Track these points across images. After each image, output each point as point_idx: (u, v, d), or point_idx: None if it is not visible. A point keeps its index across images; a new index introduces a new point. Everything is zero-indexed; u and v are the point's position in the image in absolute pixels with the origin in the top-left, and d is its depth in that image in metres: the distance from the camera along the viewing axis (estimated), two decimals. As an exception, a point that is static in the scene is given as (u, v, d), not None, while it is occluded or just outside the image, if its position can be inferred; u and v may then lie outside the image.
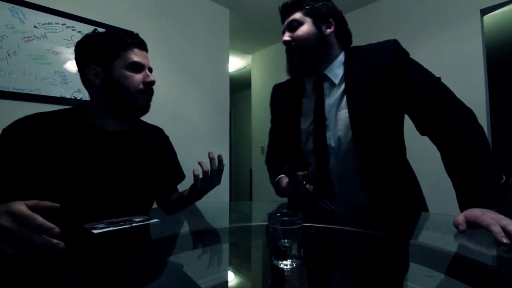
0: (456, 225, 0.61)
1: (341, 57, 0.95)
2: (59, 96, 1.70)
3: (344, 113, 0.89)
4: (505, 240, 0.52)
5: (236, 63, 4.11)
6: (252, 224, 0.85)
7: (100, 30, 0.89)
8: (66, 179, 0.76)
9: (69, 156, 0.77)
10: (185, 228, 0.78)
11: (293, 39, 0.93)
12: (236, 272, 0.48)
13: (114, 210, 0.80)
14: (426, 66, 0.97)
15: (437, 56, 2.14)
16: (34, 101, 1.62)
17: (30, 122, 0.77)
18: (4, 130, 0.75)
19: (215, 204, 0.89)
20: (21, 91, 1.58)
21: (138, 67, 0.85)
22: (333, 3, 0.97)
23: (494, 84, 2.90)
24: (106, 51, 0.82)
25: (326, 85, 0.94)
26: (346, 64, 0.93)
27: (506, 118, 4.70)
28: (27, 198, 0.51)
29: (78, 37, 1.73)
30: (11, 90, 1.54)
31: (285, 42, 0.95)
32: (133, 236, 0.63)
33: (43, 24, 1.66)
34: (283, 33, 0.98)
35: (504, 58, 3.68)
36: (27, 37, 1.60)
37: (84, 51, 0.84)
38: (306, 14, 0.93)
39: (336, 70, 0.93)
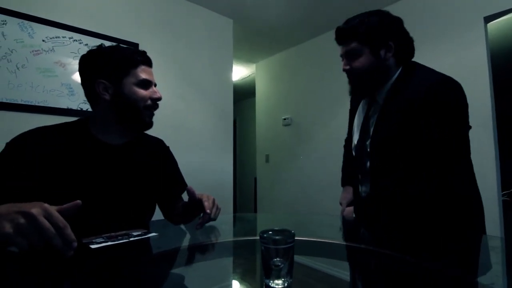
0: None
1: (395, 77, 0.94)
2: (66, 107, 1.74)
3: (371, 129, 0.94)
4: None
5: (240, 72, 4.15)
6: (256, 238, 0.85)
7: (106, 43, 0.91)
8: (68, 192, 0.77)
9: (72, 169, 0.79)
10: (185, 242, 0.78)
11: (353, 69, 0.94)
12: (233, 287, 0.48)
13: (115, 223, 0.80)
14: None
15: (441, 64, 2.12)
16: (42, 113, 1.66)
17: (32, 136, 0.79)
18: (7, 144, 0.76)
19: (219, 215, 0.89)
20: (29, 103, 1.61)
21: (146, 84, 0.88)
22: (389, 16, 0.94)
23: (500, 91, 2.87)
24: (117, 67, 0.84)
25: (374, 104, 0.98)
26: (393, 85, 0.93)
27: (514, 125, 4.62)
28: None
29: (85, 49, 1.78)
30: (19, 102, 1.58)
31: (345, 71, 0.96)
32: (131, 250, 0.63)
33: (51, 38, 1.70)
34: (342, 58, 0.98)
35: (510, 64, 3.64)
36: (35, 51, 1.65)
37: (93, 66, 0.85)
38: (364, 42, 0.91)
39: (384, 92, 0.94)
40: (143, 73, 0.87)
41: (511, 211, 2.33)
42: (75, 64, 1.77)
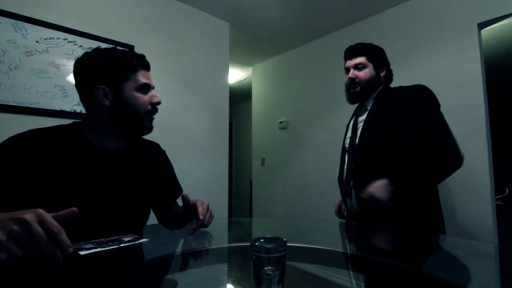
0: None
1: (377, 91, 1.26)
2: (59, 109, 1.72)
3: (360, 127, 1.23)
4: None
5: (237, 75, 4.14)
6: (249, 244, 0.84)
7: (101, 45, 0.89)
8: (63, 197, 0.76)
9: (66, 174, 0.77)
10: (178, 248, 0.77)
11: (357, 77, 1.24)
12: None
13: (109, 228, 0.79)
14: (424, 79, 1.16)
15: (436, 69, 2.15)
16: (34, 114, 1.64)
17: (25, 139, 0.77)
18: (-2, 147, 0.75)
19: (213, 220, 0.88)
20: (22, 105, 1.59)
21: (146, 88, 0.87)
22: (384, 50, 1.31)
23: (494, 96, 2.90)
24: (117, 72, 0.82)
25: (362, 109, 1.29)
26: (377, 97, 1.25)
27: (509, 130, 4.68)
28: None
29: (79, 51, 1.78)
30: (12, 103, 1.56)
31: (351, 79, 1.25)
32: (122, 257, 0.62)
33: (45, 39, 1.69)
34: (348, 69, 1.28)
35: (503, 69, 3.69)
36: (28, 52, 1.63)
37: (91, 71, 0.83)
38: (370, 59, 1.24)
39: (370, 100, 1.26)
40: (142, 78, 0.86)
41: (505, 216, 2.35)
42: (69, 65, 1.76)
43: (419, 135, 1.06)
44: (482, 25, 2.02)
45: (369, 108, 1.24)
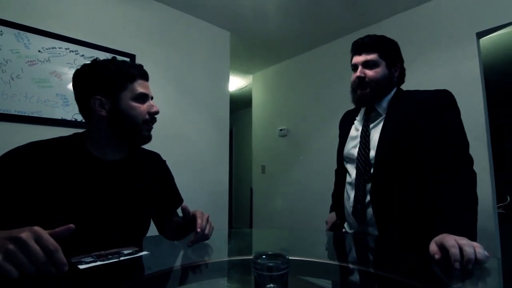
0: (432, 254, 0.66)
1: (391, 94, 1.09)
2: (60, 118, 1.72)
3: (376, 136, 1.03)
4: (456, 266, 0.60)
5: (237, 83, 4.17)
6: (251, 257, 0.83)
7: (103, 54, 0.90)
8: (63, 210, 0.75)
9: (67, 186, 0.77)
10: (177, 262, 0.76)
11: (367, 76, 1.05)
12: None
13: (109, 240, 0.78)
14: (424, 88, 1.09)
15: (436, 77, 2.16)
16: (36, 123, 1.64)
17: (24, 153, 0.77)
18: (-2, 160, 0.75)
19: (213, 231, 0.87)
20: (23, 114, 1.60)
21: (143, 98, 0.87)
22: (398, 45, 1.13)
23: (493, 104, 2.91)
24: (114, 82, 0.83)
25: (373, 113, 1.10)
26: (392, 100, 1.07)
27: (508, 138, 4.68)
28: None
29: (81, 60, 1.79)
30: (13, 112, 1.57)
31: (359, 78, 1.05)
32: (122, 271, 0.61)
33: (47, 49, 1.70)
34: (356, 67, 1.08)
35: (502, 78, 3.71)
36: (31, 61, 1.64)
37: (88, 82, 0.83)
38: (382, 57, 1.05)
39: (384, 104, 1.08)
40: (139, 87, 0.86)
41: (507, 224, 2.33)
42: (71, 74, 1.76)
43: (431, 143, 0.94)
44: (480, 34, 2.04)
45: (384, 115, 1.06)
